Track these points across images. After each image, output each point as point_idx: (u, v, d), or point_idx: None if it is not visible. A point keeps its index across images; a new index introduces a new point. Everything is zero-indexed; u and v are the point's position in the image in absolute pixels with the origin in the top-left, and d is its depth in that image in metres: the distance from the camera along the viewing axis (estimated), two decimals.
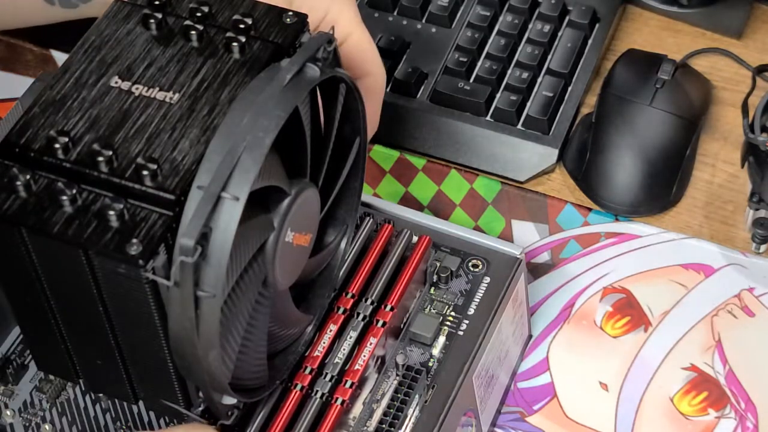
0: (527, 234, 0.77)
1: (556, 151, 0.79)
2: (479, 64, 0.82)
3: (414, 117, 0.81)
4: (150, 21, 0.58)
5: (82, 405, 0.64)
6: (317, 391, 0.61)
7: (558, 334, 0.73)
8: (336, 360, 0.62)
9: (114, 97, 0.56)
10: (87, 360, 0.59)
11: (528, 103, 0.80)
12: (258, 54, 0.57)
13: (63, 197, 0.52)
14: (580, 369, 0.72)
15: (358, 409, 0.62)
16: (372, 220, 0.68)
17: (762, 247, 0.75)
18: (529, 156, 0.79)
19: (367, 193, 0.74)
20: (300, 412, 0.61)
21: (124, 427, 0.63)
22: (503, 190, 0.79)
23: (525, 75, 0.81)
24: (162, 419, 0.63)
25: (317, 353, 0.62)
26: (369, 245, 0.66)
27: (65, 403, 0.64)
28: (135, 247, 0.51)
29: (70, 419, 0.63)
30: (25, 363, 0.65)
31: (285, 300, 0.60)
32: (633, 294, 0.74)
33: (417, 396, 0.63)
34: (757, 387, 0.71)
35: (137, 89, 0.56)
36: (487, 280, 0.67)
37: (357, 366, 0.62)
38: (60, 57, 0.87)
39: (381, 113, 0.71)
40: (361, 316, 0.64)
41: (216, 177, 0.51)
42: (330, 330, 0.63)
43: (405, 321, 0.66)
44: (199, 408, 0.58)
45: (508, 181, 0.79)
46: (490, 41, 0.83)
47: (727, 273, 0.75)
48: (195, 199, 0.52)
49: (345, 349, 0.63)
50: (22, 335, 0.65)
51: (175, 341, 0.54)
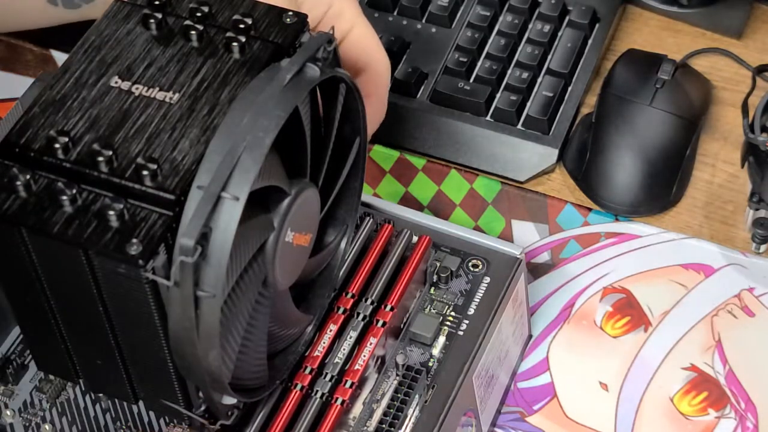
0: (527, 234, 0.77)
1: (556, 151, 0.79)
2: (479, 64, 0.82)
3: (414, 117, 0.81)
4: (150, 21, 0.58)
5: (82, 405, 0.64)
6: (317, 391, 0.61)
7: (558, 334, 0.73)
8: (336, 360, 0.62)
9: (114, 97, 0.56)
10: (87, 360, 0.59)
11: (528, 103, 0.80)
12: (258, 54, 0.57)
13: (63, 197, 0.52)
14: (580, 369, 0.72)
15: (358, 409, 0.62)
16: (372, 220, 0.68)
17: (762, 247, 0.75)
18: (529, 156, 0.79)
19: (367, 193, 0.74)
20: (300, 412, 0.61)
21: (124, 427, 0.63)
22: (503, 190, 0.79)
23: (525, 75, 0.81)
24: (162, 419, 0.63)
25: (317, 353, 0.62)
26: (369, 245, 0.66)
27: (65, 403, 0.64)
28: (135, 247, 0.51)
29: (70, 419, 0.63)
30: (25, 363, 0.65)
31: (285, 300, 0.60)
32: (633, 294, 0.74)
33: (417, 396, 0.63)
34: (757, 387, 0.71)
35: (137, 89, 0.56)
36: (487, 280, 0.67)
37: (357, 366, 0.62)
38: (60, 57, 0.87)
39: None
40: (361, 316, 0.64)
41: (216, 177, 0.51)
42: (330, 330, 0.63)
43: (405, 321, 0.66)
44: (200, 408, 0.58)
45: (508, 181, 0.79)
46: (490, 41, 0.83)
47: (727, 273, 0.75)
48: (195, 199, 0.52)
49: (345, 349, 0.63)
50: (22, 335, 0.65)
51: (175, 341, 0.54)
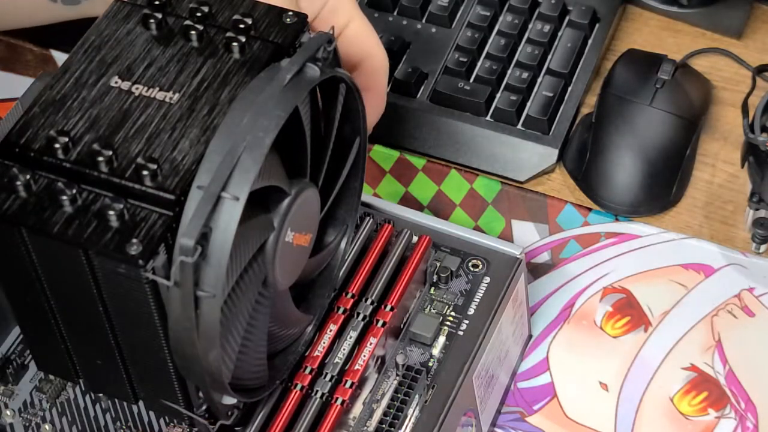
0: (527, 234, 0.77)
1: (556, 151, 0.79)
2: (479, 64, 0.82)
3: (414, 117, 0.81)
4: (150, 21, 0.58)
5: (82, 405, 0.64)
6: (317, 391, 0.61)
7: (558, 334, 0.73)
8: (336, 360, 0.62)
9: (114, 97, 0.56)
10: (87, 360, 0.59)
11: (528, 103, 0.80)
12: (258, 54, 0.57)
13: (63, 197, 0.52)
14: (580, 369, 0.72)
15: (358, 409, 0.62)
16: (372, 220, 0.68)
17: (762, 247, 0.75)
18: (529, 156, 0.79)
19: (367, 193, 0.74)
20: (300, 412, 0.61)
21: (124, 427, 0.63)
22: (503, 190, 0.79)
23: (525, 75, 0.81)
24: (162, 419, 0.63)
25: (317, 353, 0.62)
26: (369, 245, 0.66)
27: (65, 403, 0.64)
28: (135, 247, 0.51)
29: (70, 419, 0.63)
30: (25, 363, 0.65)
31: (285, 300, 0.60)
32: (633, 294, 0.74)
33: (417, 396, 0.63)
34: (757, 387, 0.71)
35: (137, 89, 0.56)
36: (487, 280, 0.67)
37: (357, 366, 0.62)
38: (60, 57, 0.87)
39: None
40: (361, 316, 0.64)
41: (216, 177, 0.51)
42: (330, 330, 0.63)
43: (405, 321, 0.66)
44: (200, 408, 0.58)
45: (508, 181, 0.79)
46: (490, 41, 0.83)
47: (727, 273, 0.75)
48: (195, 199, 0.52)
49: (345, 349, 0.63)
50: (22, 335, 0.65)
51: (175, 341, 0.54)
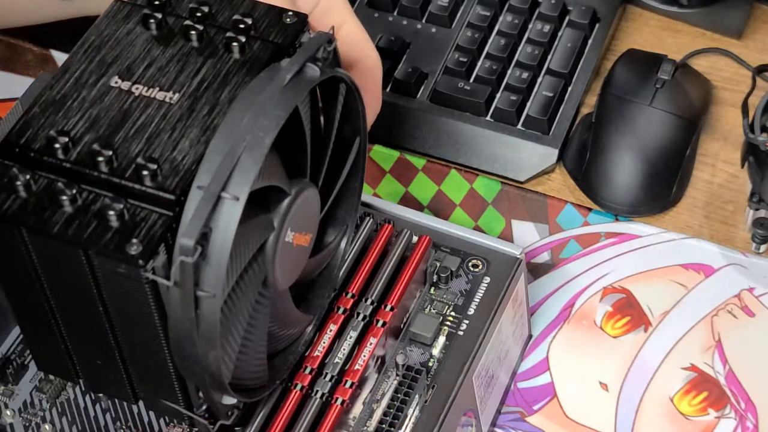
0: (527, 234, 0.77)
1: (556, 151, 0.79)
2: (479, 64, 0.82)
3: (414, 117, 0.81)
4: (150, 21, 0.58)
5: (82, 405, 0.64)
6: (317, 391, 0.61)
7: (558, 334, 0.73)
8: (336, 360, 0.62)
9: (114, 97, 0.56)
10: (87, 360, 0.59)
11: (528, 103, 0.80)
12: (258, 54, 0.57)
13: (63, 197, 0.52)
14: (580, 369, 0.72)
15: (358, 409, 0.62)
16: (372, 220, 0.68)
17: (762, 247, 0.75)
18: (529, 156, 0.79)
19: (367, 193, 0.74)
20: (300, 412, 0.61)
21: (124, 427, 0.63)
22: (503, 190, 0.79)
23: (525, 75, 0.81)
24: (162, 419, 0.63)
25: (317, 353, 0.62)
26: (369, 245, 0.66)
27: (65, 403, 0.64)
28: (135, 247, 0.51)
29: (70, 419, 0.63)
30: (25, 363, 0.65)
31: (285, 300, 0.60)
32: (633, 294, 0.74)
33: (417, 396, 0.63)
34: (757, 387, 0.71)
35: (137, 89, 0.56)
36: (487, 280, 0.67)
37: (357, 366, 0.62)
38: (60, 57, 0.87)
39: (381, 113, 0.71)
40: (361, 316, 0.64)
41: (216, 177, 0.51)
42: (330, 330, 0.63)
43: (405, 321, 0.66)
44: (200, 408, 0.58)
45: (508, 181, 0.79)
46: (490, 41, 0.83)
47: (727, 273, 0.75)
48: (195, 199, 0.52)
49: (345, 349, 0.63)
50: (22, 335, 0.65)
51: (175, 341, 0.54)
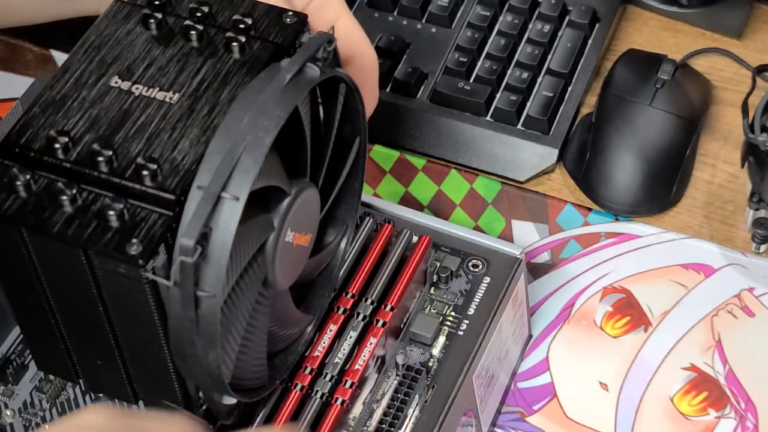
0: (527, 234, 0.77)
1: (556, 151, 0.79)
2: (479, 64, 0.82)
3: (414, 117, 0.81)
4: (150, 21, 0.58)
5: (82, 405, 0.64)
6: (317, 391, 0.61)
7: (558, 334, 0.73)
8: (336, 360, 0.62)
9: (114, 97, 0.56)
10: (87, 360, 0.59)
11: (528, 103, 0.80)
12: (258, 54, 0.57)
13: (63, 197, 0.52)
14: (580, 369, 0.72)
15: (358, 409, 0.62)
16: (372, 220, 0.68)
17: (762, 247, 0.75)
18: (529, 156, 0.79)
19: (367, 193, 0.74)
20: (300, 412, 0.61)
21: None
22: (503, 190, 0.79)
23: (525, 75, 0.81)
24: None
25: (317, 353, 0.62)
26: (369, 245, 0.66)
27: (65, 403, 0.64)
28: (135, 247, 0.51)
29: None
30: (25, 363, 0.65)
31: (285, 300, 0.60)
32: (633, 294, 0.74)
33: (417, 396, 0.63)
34: (757, 387, 0.71)
35: (137, 89, 0.56)
36: (487, 280, 0.67)
37: (357, 366, 0.62)
38: (60, 57, 0.87)
39: (381, 113, 0.71)
40: (361, 316, 0.64)
41: (216, 177, 0.51)
42: (330, 330, 0.63)
43: (405, 321, 0.66)
44: (200, 408, 0.58)
45: (508, 181, 0.79)
46: (490, 41, 0.83)
47: (727, 273, 0.75)
48: (195, 199, 0.52)
49: (345, 349, 0.63)
50: (22, 335, 0.65)
51: (175, 341, 0.54)
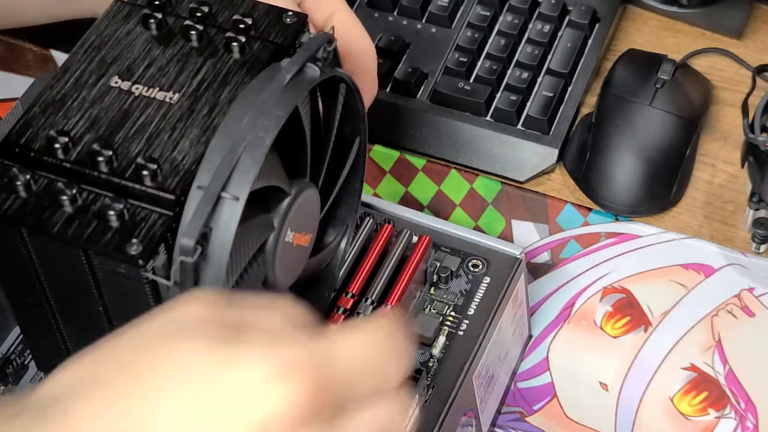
0: (527, 234, 0.77)
1: (556, 151, 0.79)
2: (479, 64, 0.82)
3: (414, 117, 0.81)
4: (150, 21, 0.58)
5: None
6: None
7: (558, 334, 0.73)
8: None
9: (114, 97, 0.56)
10: None
11: (528, 103, 0.80)
12: (258, 54, 0.57)
13: (63, 197, 0.52)
14: (580, 369, 0.72)
15: None
16: (372, 220, 0.68)
17: (762, 247, 0.75)
18: (529, 156, 0.79)
19: (367, 193, 0.74)
20: None
21: None
22: (503, 190, 0.79)
23: (525, 75, 0.81)
24: None
25: None
26: (369, 245, 0.66)
27: None
28: (135, 247, 0.51)
29: None
30: (25, 363, 0.65)
31: None
32: (633, 294, 0.74)
33: (417, 396, 0.63)
34: (757, 387, 0.71)
35: (137, 89, 0.56)
36: (487, 280, 0.67)
37: None
38: (60, 57, 0.87)
39: (381, 113, 0.72)
40: (362, 316, 0.64)
41: (216, 177, 0.51)
42: None
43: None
44: None
45: (508, 181, 0.79)
46: (490, 41, 0.83)
47: (727, 273, 0.75)
48: (195, 199, 0.52)
49: None
50: (22, 335, 0.65)
51: None
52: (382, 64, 0.80)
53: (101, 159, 0.53)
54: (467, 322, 0.66)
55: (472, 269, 0.68)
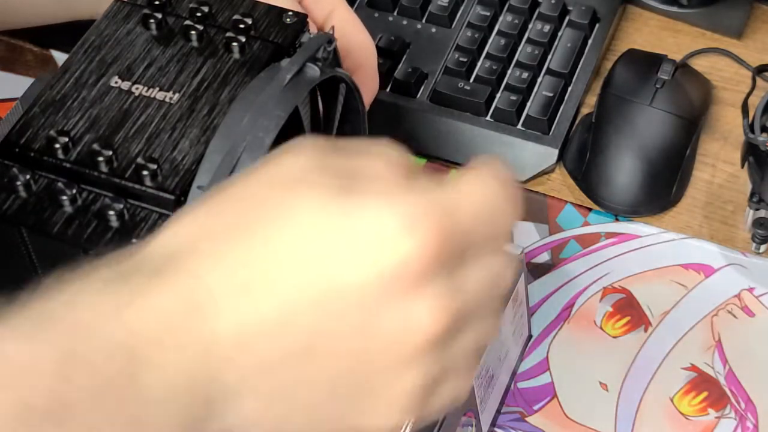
0: (527, 234, 0.77)
1: (556, 151, 0.79)
2: (479, 64, 0.82)
3: (414, 117, 0.81)
4: (150, 21, 0.58)
5: None
6: None
7: (558, 334, 0.73)
8: None
9: (114, 97, 0.56)
10: None
11: (528, 103, 0.80)
12: (258, 54, 0.57)
13: (63, 197, 0.52)
14: (580, 369, 0.72)
15: None
16: None
17: (762, 247, 0.75)
18: (529, 156, 0.79)
19: None
20: None
21: None
22: None
23: (525, 75, 0.81)
24: None
25: None
26: None
27: None
28: None
29: None
30: None
31: None
32: (633, 294, 0.74)
33: None
34: (757, 387, 0.71)
35: (137, 89, 0.56)
36: None
37: None
38: (60, 57, 0.87)
39: (381, 113, 0.72)
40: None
41: (216, 177, 0.51)
42: None
43: None
44: None
45: None
46: (490, 41, 0.83)
47: (727, 273, 0.75)
48: (195, 199, 0.52)
49: None
50: None
51: None
52: (382, 64, 0.80)
53: (101, 159, 0.53)
54: None
55: None
